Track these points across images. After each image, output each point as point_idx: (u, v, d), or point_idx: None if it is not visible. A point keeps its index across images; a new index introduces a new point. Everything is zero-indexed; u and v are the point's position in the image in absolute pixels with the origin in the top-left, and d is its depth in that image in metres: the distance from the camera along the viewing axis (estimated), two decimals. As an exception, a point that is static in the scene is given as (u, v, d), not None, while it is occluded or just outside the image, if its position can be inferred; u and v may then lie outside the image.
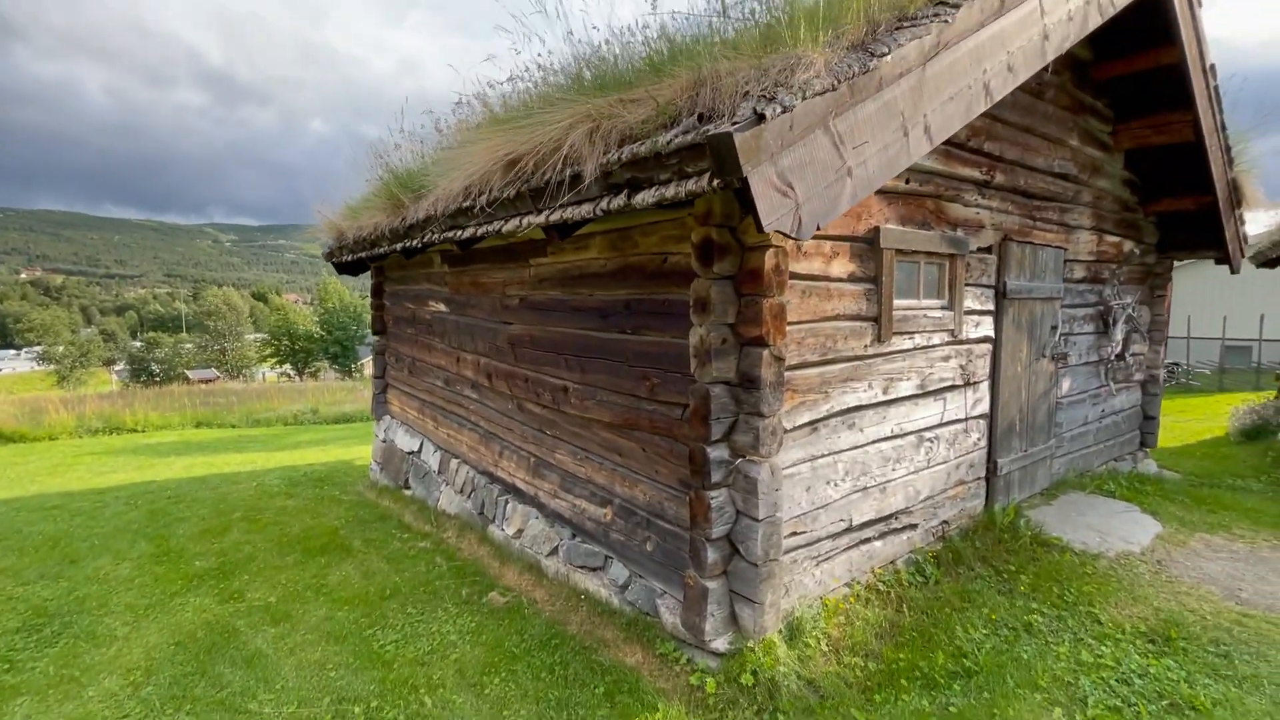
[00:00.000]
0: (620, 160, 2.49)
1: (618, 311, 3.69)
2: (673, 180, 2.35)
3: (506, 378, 5.02)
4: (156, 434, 14.46)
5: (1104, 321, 5.86)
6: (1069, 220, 5.18)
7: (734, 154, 1.93)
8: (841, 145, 2.28)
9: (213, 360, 45.99)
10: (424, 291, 6.68)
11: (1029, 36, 3.07)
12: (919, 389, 3.93)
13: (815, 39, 2.14)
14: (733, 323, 2.89)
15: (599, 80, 2.86)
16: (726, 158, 1.96)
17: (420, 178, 4.77)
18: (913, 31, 2.40)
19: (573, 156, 2.73)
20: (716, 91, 2.14)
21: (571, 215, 2.95)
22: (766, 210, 2.07)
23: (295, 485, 8.51)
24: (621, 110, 2.50)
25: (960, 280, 4.08)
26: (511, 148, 3.18)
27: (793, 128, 2.08)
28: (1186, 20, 4.53)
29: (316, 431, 14.97)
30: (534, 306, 4.56)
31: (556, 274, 4.26)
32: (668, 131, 2.28)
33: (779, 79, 2.06)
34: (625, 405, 3.68)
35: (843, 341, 3.39)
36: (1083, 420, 5.74)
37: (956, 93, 2.70)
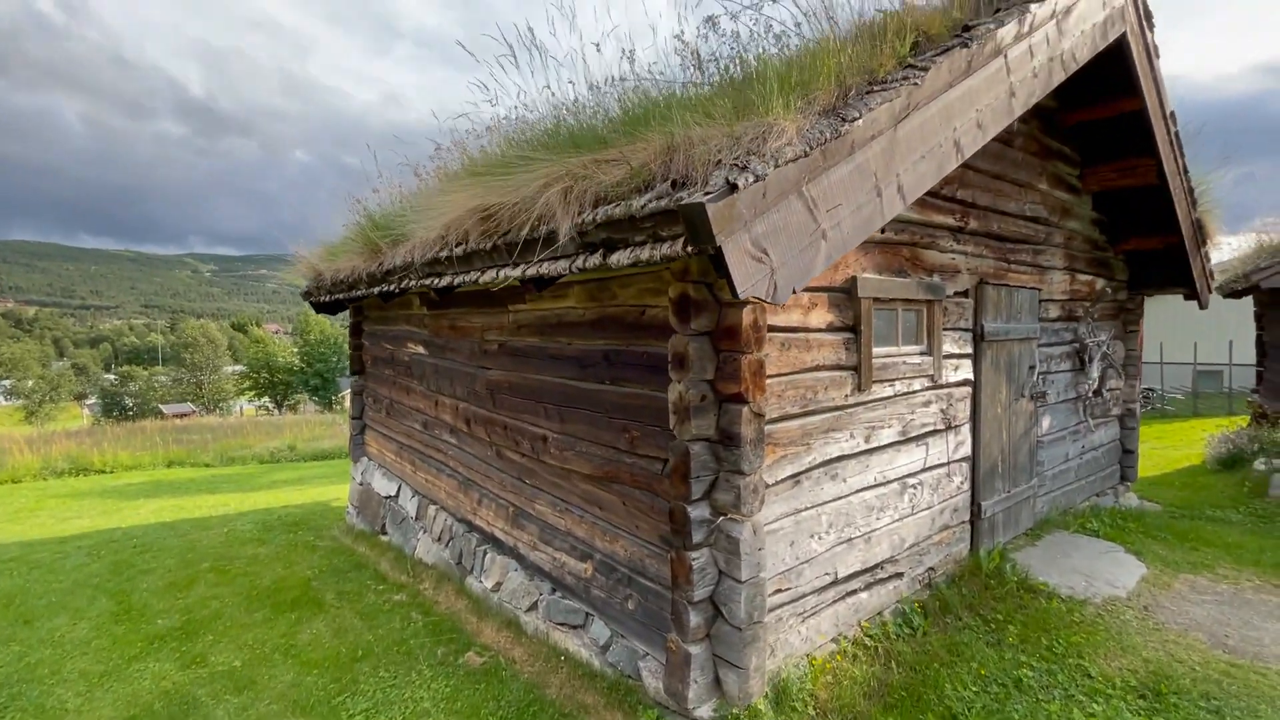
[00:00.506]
0: (595, 221, 2.47)
1: (596, 362, 3.64)
2: (648, 242, 2.33)
3: (485, 424, 4.93)
4: (126, 475, 14.01)
5: (1080, 359, 5.93)
6: (1042, 261, 5.27)
7: (707, 223, 1.91)
8: (815, 209, 2.28)
9: (189, 394, 45.01)
10: (403, 333, 6.59)
11: (996, 94, 3.14)
12: (901, 435, 3.91)
13: (787, 104, 2.16)
14: (711, 379, 2.85)
15: (574, 138, 2.86)
16: (700, 227, 1.94)
17: (398, 222, 4.74)
18: (883, 95, 2.44)
19: (548, 215, 2.71)
20: (689, 158, 2.14)
21: (547, 271, 2.92)
22: (741, 277, 2.05)
23: (268, 531, 8.24)
24: (596, 171, 2.49)
25: (938, 325, 4.10)
26: (488, 201, 3.16)
27: (766, 195, 2.08)
28: (1146, 71, 4.69)
29: (293, 470, 14.61)
30: (513, 353, 4.50)
31: (535, 321, 4.21)
32: (642, 195, 2.27)
33: (751, 147, 2.06)
34: (605, 457, 3.61)
35: (823, 392, 3.37)
36: (1064, 458, 5.76)
37: (928, 151, 2.74)
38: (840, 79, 2.38)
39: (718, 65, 3.32)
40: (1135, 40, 4.47)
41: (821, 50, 2.38)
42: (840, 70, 2.37)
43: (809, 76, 2.30)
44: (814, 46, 2.48)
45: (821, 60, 2.31)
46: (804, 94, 2.26)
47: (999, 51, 3.11)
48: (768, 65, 2.41)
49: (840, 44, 2.47)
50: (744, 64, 3.13)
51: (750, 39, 3.02)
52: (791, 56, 2.49)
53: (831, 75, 2.33)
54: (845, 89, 2.42)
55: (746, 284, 2.06)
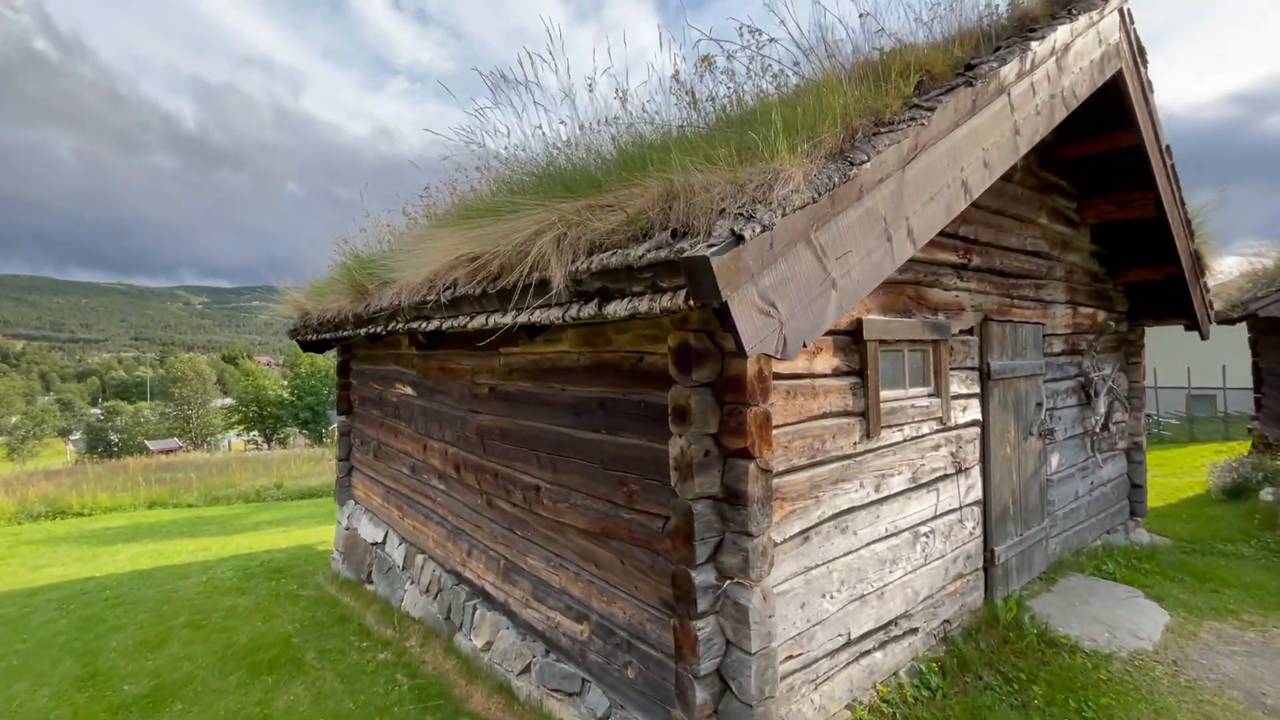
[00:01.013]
0: (590, 269, 2.33)
1: (591, 409, 3.47)
2: (646, 293, 2.19)
3: (475, 470, 4.72)
4: (105, 518, 13.57)
5: (1086, 393, 5.81)
6: (1044, 296, 5.17)
7: (712, 277, 1.77)
8: (824, 257, 2.14)
9: (176, 429, 44.28)
10: (391, 373, 6.40)
11: (1001, 133, 3.05)
12: (911, 482, 3.73)
13: (793, 148, 2.04)
14: (715, 433, 2.68)
15: (565, 181, 2.74)
16: (704, 281, 1.80)
17: (385, 263, 4.59)
18: (891, 136, 2.33)
19: (540, 262, 2.57)
20: (690, 206, 2.01)
21: (540, 319, 2.76)
22: (749, 333, 1.90)
23: (249, 579, 7.91)
24: (590, 217, 2.35)
25: (945, 365, 3.97)
26: (477, 247, 3.02)
27: (773, 246, 1.94)
28: (1141, 105, 4.67)
29: (279, 509, 14.21)
30: (504, 397, 4.32)
31: (528, 365, 4.05)
32: (639, 244, 2.13)
33: (756, 194, 1.93)
34: (601, 511, 3.41)
35: (831, 441, 3.20)
36: (1074, 496, 5.59)
37: (936, 193, 2.63)
38: (846, 120, 2.27)
39: (714, 105, 3.24)
40: (1130, 75, 4.45)
41: (826, 91, 2.28)
42: (846, 111, 2.27)
43: (814, 119, 2.20)
44: (817, 86, 2.38)
45: (827, 101, 2.20)
46: (810, 136, 2.14)
47: (1002, 90, 3.03)
48: (771, 107, 2.30)
49: (844, 84, 2.37)
50: (741, 104, 3.05)
51: (747, 78, 2.93)
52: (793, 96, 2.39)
53: (838, 117, 2.22)
54: (852, 131, 2.31)
55: (754, 340, 1.91)
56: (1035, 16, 3.53)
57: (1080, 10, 3.70)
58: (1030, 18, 3.53)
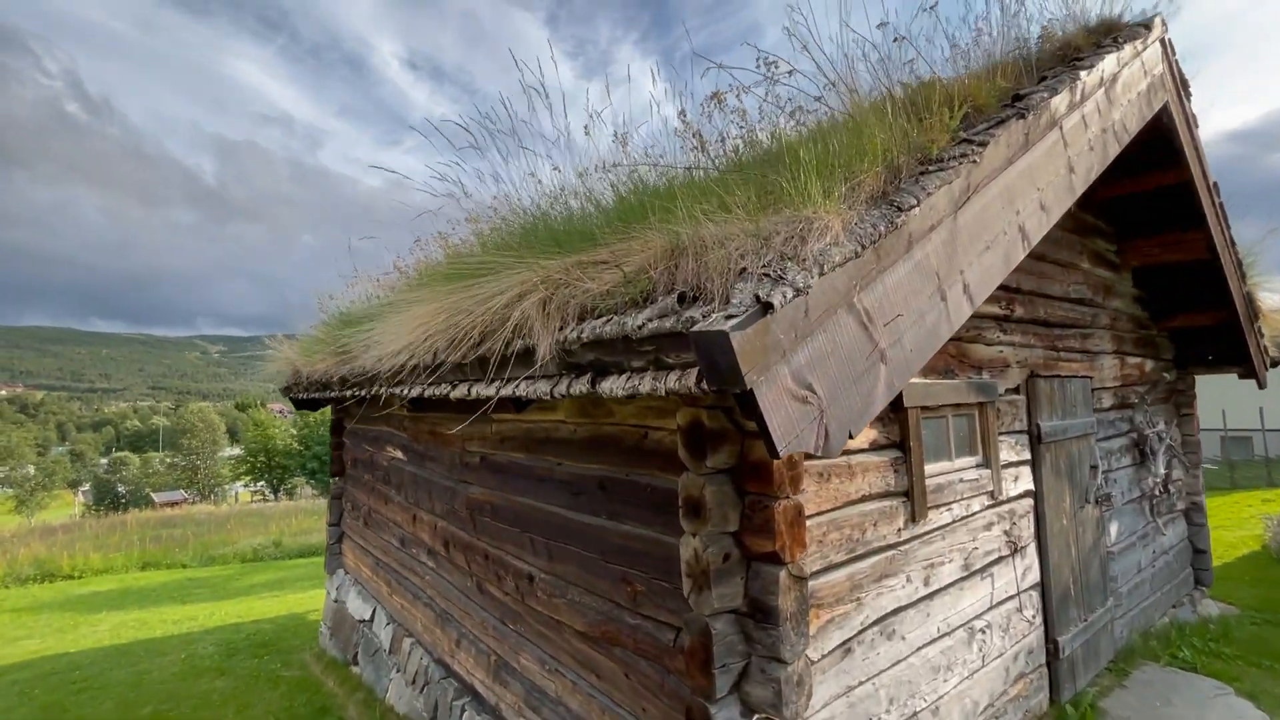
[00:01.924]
0: (581, 339, 1.92)
1: (590, 490, 3.01)
2: (648, 370, 1.77)
3: (465, 549, 4.23)
4: (94, 580, 13.05)
5: (1140, 451, 5.26)
6: (1091, 346, 4.71)
7: (731, 358, 1.36)
8: (870, 324, 1.73)
9: (183, 480, 43.91)
10: (383, 434, 5.99)
11: (1056, 170, 2.66)
12: (964, 570, 3.21)
13: (828, 193, 1.66)
14: (736, 531, 2.21)
15: (555, 235, 2.37)
16: (722, 362, 1.38)
17: (370, 322, 4.24)
18: (940, 176, 1.94)
19: (525, 328, 2.17)
20: (702, 265, 1.62)
21: (525, 392, 2.35)
22: (782, 426, 1.47)
23: (231, 655, 7.35)
24: (581, 276, 1.97)
25: (993, 430, 3.49)
26: (457, 309, 2.63)
27: (808, 313, 1.53)
28: (1188, 140, 4.30)
29: (275, 570, 13.63)
30: (495, 469, 3.88)
31: (520, 434, 3.61)
32: (639, 310, 1.73)
33: (785, 249, 1.54)
34: (602, 612, 2.91)
35: (872, 529, 2.71)
36: (1136, 568, 4.98)
37: (993, 240, 2.22)
38: (888, 158, 1.90)
39: (724, 146, 2.89)
40: (1176, 109, 4.09)
41: (863, 123, 1.92)
42: (888, 147, 1.89)
43: (851, 155, 1.82)
44: (851, 119, 2.02)
45: (866, 135, 1.83)
46: (847, 177, 1.76)
47: (1054, 123, 2.66)
48: (796, 145, 1.93)
49: (881, 116, 2.01)
50: (756, 144, 2.69)
51: (761, 117, 2.58)
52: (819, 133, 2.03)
53: (878, 153, 1.85)
54: (895, 169, 1.93)
55: (789, 435, 1.48)
56: (1078, 45, 3.20)
57: (1125, 39, 3.36)
58: (1072, 47, 3.19)
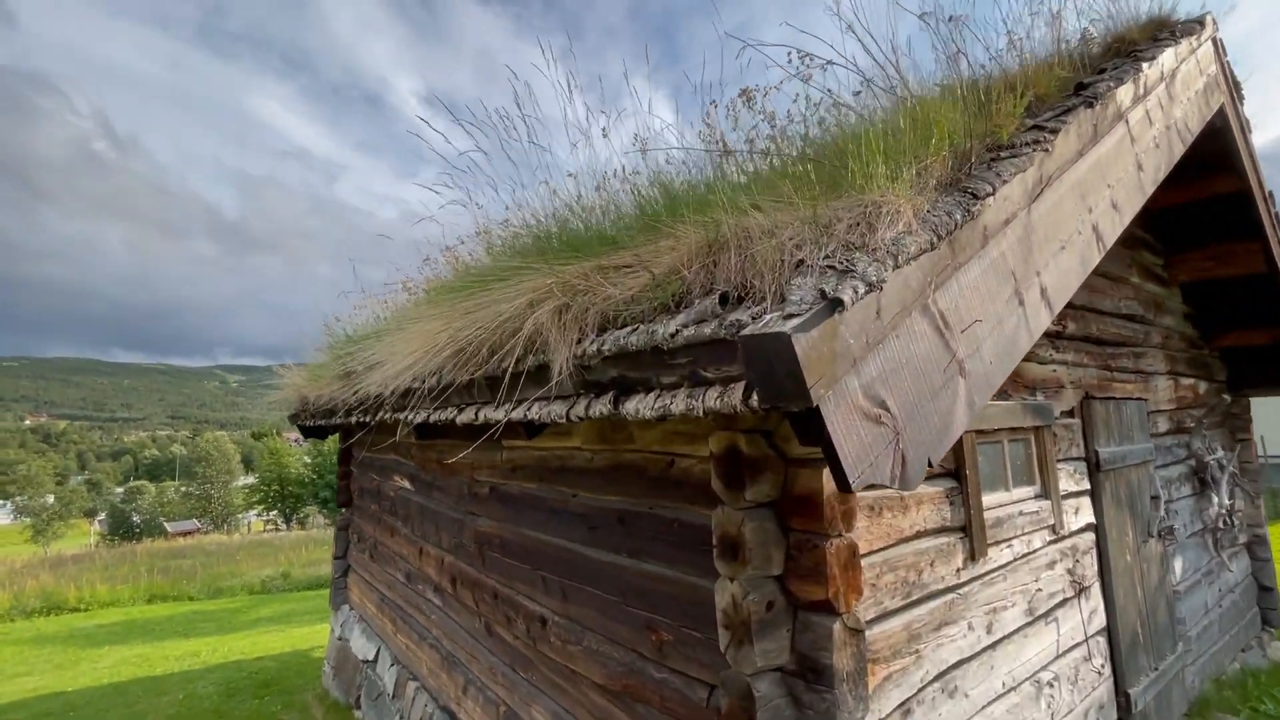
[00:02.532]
0: (601, 352, 1.67)
1: (608, 524, 2.73)
2: (682, 385, 1.51)
3: (473, 587, 3.94)
4: (100, 613, 12.80)
5: (1199, 479, 4.87)
6: (1144, 366, 4.38)
7: (794, 368, 1.10)
8: (947, 330, 1.47)
9: (197, 509, 43.86)
10: (390, 463, 5.75)
11: (1125, 167, 2.41)
12: (1027, 615, 2.86)
13: (894, 175, 1.41)
14: (780, 575, 1.92)
15: (571, 240, 2.14)
16: (781, 373, 1.12)
17: (374, 344, 4.03)
18: (1014, 163, 1.70)
19: (537, 341, 1.93)
20: (748, 258, 1.37)
21: (538, 415, 2.09)
22: (854, 453, 1.20)
23: (231, 696, 7.04)
24: (601, 282, 1.73)
25: (1051, 457, 3.17)
26: (464, 325, 2.41)
27: (880, 314, 1.28)
28: (1243, 145, 4.03)
29: (282, 603, 13.31)
30: (506, 500, 3.61)
31: (533, 462, 3.35)
32: (671, 316, 1.48)
33: (851, 237, 1.29)
34: (623, 662, 2.59)
35: (929, 570, 2.39)
36: (1203, 609, 4.56)
37: (1067, 240, 1.96)
38: (954, 143, 1.66)
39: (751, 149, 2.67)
40: (1230, 111, 3.83)
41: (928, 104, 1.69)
42: (953, 131, 1.65)
43: (908, 141, 1.58)
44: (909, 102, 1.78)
45: (935, 116, 1.60)
46: (912, 162, 1.52)
47: (1120, 116, 2.41)
48: (858, 124, 1.69)
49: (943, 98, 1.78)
50: (788, 140, 2.46)
51: (789, 119, 2.36)
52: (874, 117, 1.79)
53: (945, 137, 1.60)
54: (962, 156, 1.69)
55: (862, 463, 1.21)
56: (1132, 39, 2.97)
57: (1181, 34, 3.13)
58: (1126, 41, 2.96)
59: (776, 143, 2.26)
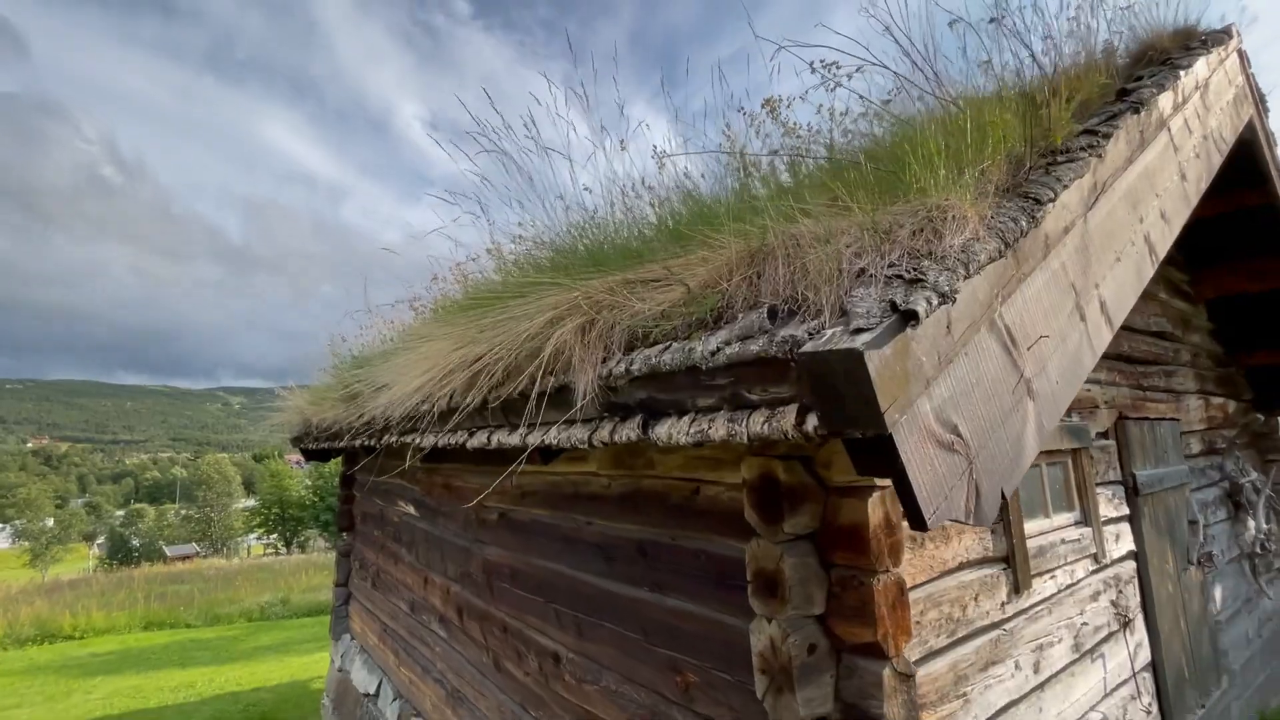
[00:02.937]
0: (630, 373, 1.55)
1: (628, 555, 2.57)
2: (722, 409, 1.38)
3: (480, 619, 3.76)
4: (95, 641, 12.52)
5: (1234, 503, 4.69)
6: (1175, 385, 4.24)
7: (867, 390, 0.97)
8: (1014, 347, 1.34)
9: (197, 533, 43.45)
10: (394, 487, 5.59)
11: (1170, 176, 2.30)
12: (1074, 651, 2.68)
13: (955, 178, 1.30)
14: (822, 614, 1.76)
15: (594, 254, 2.03)
16: (850, 395, 1.00)
17: (381, 365, 3.92)
18: (1072, 168, 1.59)
19: (558, 362, 1.80)
20: (798, 267, 1.25)
21: (558, 440, 1.96)
22: (929, 486, 1.07)
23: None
24: (629, 297, 1.61)
25: (1090, 481, 3.02)
26: (478, 344, 2.29)
27: (950, 329, 1.15)
28: (1270, 159, 3.94)
29: (281, 630, 13.02)
30: (516, 528, 3.45)
31: (545, 488, 3.20)
32: (710, 333, 1.36)
33: (915, 244, 1.17)
34: (645, 705, 2.42)
35: (973, 605, 2.23)
36: (1245, 640, 4.35)
37: (1122, 251, 1.84)
38: (1009, 146, 1.55)
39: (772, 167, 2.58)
40: (1258, 123, 3.75)
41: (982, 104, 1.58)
42: (1008, 134, 1.55)
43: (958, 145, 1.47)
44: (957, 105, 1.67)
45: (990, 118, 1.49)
46: (969, 166, 1.40)
47: (1163, 123, 2.31)
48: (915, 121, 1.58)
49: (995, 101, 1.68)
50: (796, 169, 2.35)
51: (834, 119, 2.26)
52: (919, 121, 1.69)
53: (1000, 140, 1.50)
54: (1016, 161, 1.58)
55: (937, 497, 1.08)
56: (1163, 48, 2.88)
57: (1212, 43, 3.05)
58: (1157, 49, 2.88)
59: (827, 146, 2.15)
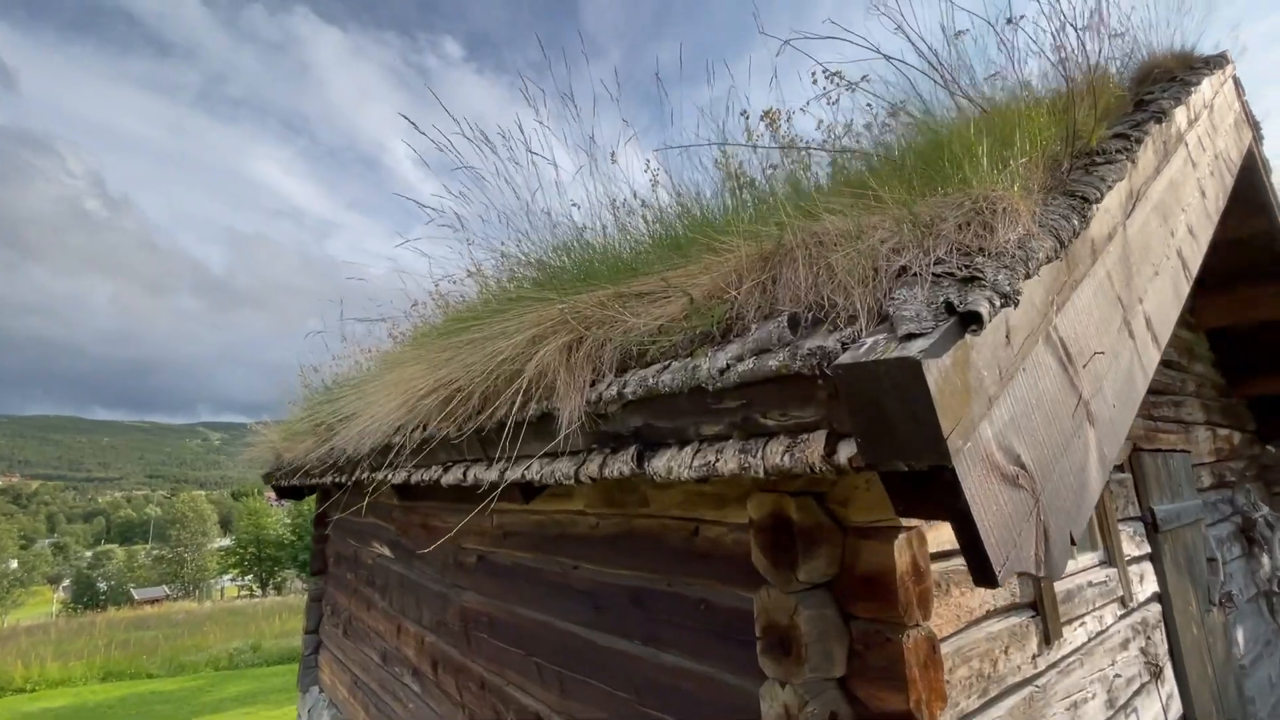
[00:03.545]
0: (622, 396, 1.34)
1: (618, 604, 2.32)
2: (730, 436, 1.18)
3: (456, 672, 3.45)
4: (48, 694, 11.73)
5: (1247, 539, 4.52)
6: (1184, 416, 4.10)
7: (926, 409, 0.77)
8: (1070, 363, 1.16)
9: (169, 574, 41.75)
10: (368, 527, 5.28)
11: (1191, 191, 2.18)
12: (1109, 708, 2.45)
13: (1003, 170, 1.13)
14: (843, 676, 1.53)
15: (584, 268, 1.85)
16: (902, 417, 0.80)
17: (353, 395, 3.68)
18: (1113, 169, 1.44)
19: (541, 386, 1.60)
20: (822, 269, 1.07)
21: (540, 475, 1.74)
22: (996, 530, 0.86)
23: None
24: (621, 312, 1.42)
25: (1112, 517, 2.83)
26: (454, 369, 2.08)
27: (1010, 338, 0.97)
28: (1268, 185, 3.90)
29: (250, 679, 12.30)
30: (496, 571, 3.18)
31: (529, 529, 2.95)
32: (718, 349, 1.17)
33: (963, 240, 0.99)
34: (637, 777, 2.14)
35: (1004, 659, 2.00)
36: (1269, 685, 4.12)
37: (1159, 265, 1.70)
38: (1045, 145, 1.40)
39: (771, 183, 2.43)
40: (1255, 149, 3.71)
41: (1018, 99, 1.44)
42: (1044, 131, 1.40)
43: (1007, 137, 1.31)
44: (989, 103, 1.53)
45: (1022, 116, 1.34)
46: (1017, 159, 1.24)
47: (1180, 137, 2.21)
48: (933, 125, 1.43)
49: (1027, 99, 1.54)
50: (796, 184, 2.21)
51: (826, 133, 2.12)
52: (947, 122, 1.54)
53: (1037, 137, 1.35)
54: (1053, 161, 1.43)
55: (1005, 544, 0.87)
56: (1168, 67, 2.81)
57: (1214, 65, 2.99)
58: (1162, 69, 2.81)
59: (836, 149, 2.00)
